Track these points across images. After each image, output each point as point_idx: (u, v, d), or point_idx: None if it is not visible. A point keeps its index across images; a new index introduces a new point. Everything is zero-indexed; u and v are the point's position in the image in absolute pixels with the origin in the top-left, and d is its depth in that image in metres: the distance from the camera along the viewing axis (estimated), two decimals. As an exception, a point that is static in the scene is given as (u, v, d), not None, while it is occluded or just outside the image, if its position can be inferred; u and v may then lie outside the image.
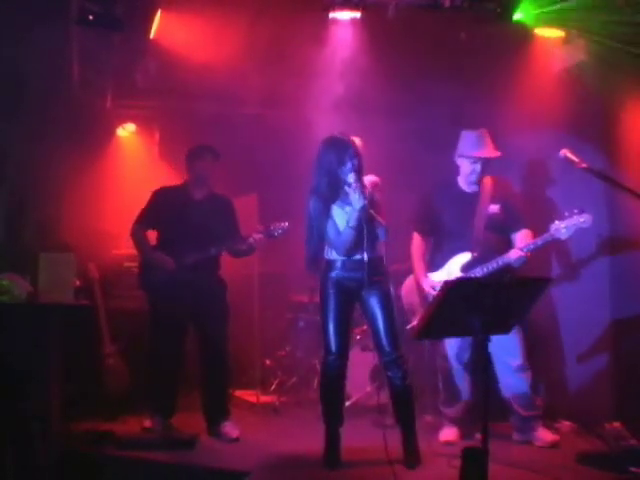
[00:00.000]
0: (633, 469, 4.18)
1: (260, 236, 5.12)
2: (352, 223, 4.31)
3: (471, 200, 4.97)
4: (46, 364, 4.35)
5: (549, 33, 5.46)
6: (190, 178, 5.36)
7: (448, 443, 4.88)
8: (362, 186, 4.28)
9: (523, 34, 5.46)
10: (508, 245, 4.89)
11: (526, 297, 3.47)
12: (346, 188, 4.35)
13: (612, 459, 4.39)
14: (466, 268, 4.86)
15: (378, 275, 4.46)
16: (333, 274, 4.50)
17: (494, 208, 4.93)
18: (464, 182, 5.03)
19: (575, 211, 4.62)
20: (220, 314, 5.27)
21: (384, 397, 4.75)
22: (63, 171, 6.20)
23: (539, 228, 4.82)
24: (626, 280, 5.14)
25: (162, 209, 5.31)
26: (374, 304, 4.47)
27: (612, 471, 4.25)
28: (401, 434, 4.49)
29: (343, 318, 4.50)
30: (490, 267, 4.78)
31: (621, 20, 4.96)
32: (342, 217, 4.43)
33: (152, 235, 5.44)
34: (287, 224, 5.15)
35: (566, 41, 5.49)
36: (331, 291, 4.49)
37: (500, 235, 4.93)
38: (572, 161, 4.51)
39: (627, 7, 4.89)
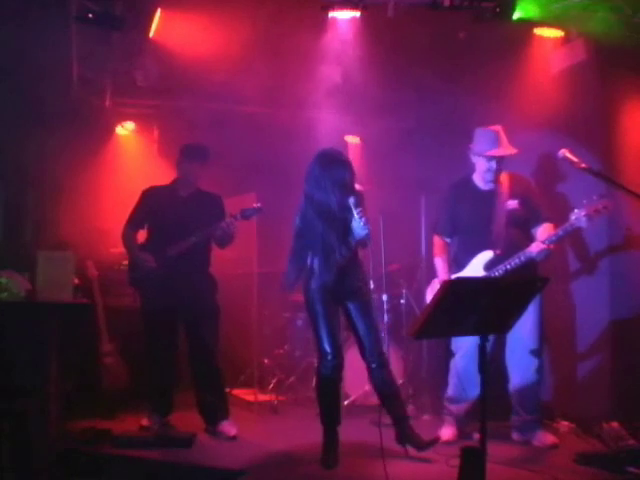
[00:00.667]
0: (631, 469, 4.18)
1: (231, 219, 5.12)
2: (351, 245, 4.35)
3: (489, 197, 4.92)
4: (44, 362, 4.34)
5: (548, 32, 5.46)
6: (178, 176, 5.39)
7: (446, 442, 4.86)
8: (363, 211, 4.25)
9: (523, 33, 5.46)
10: (530, 240, 4.83)
11: (524, 296, 3.46)
12: (346, 212, 4.31)
13: (610, 459, 4.37)
14: (489, 266, 4.81)
15: (357, 279, 4.51)
16: (316, 280, 4.50)
17: (513, 203, 4.87)
18: (480, 180, 4.98)
19: (594, 198, 4.57)
20: (208, 313, 5.26)
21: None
22: (62, 169, 6.20)
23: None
24: (626, 280, 5.14)
25: (151, 208, 5.34)
26: (354, 307, 4.53)
27: (610, 471, 4.24)
28: (397, 425, 4.56)
29: (332, 319, 4.52)
30: (513, 263, 4.72)
31: (621, 20, 4.96)
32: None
33: (143, 235, 5.46)
34: (259, 205, 5.19)
35: (565, 41, 5.49)
36: (317, 296, 4.50)
37: (521, 230, 4.88)
38: (571, 161, 4.51)
39: (627, 7, 4.89)
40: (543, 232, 4.82)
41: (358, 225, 4.23)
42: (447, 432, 5.00)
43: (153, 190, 5.42)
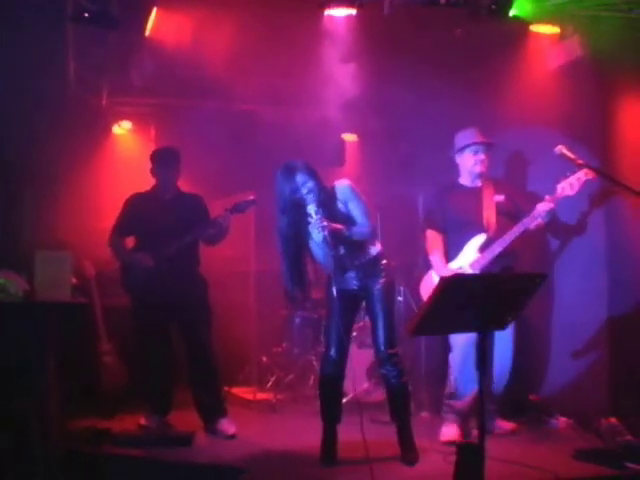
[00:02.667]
0: (629, 464, 4.19)
1: (226, 213, 5.13)
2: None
3: (476, 193, 5.06)
4: (43, 362, 4.34)
5: (545, 29, 5.46)
6: (158, 182, 5.39)
7: (449, 442, 4.72)
8: (320, 219, 4.25)
9: (519, 30, 5.46)
10: None
11: (522, 293, 3.46)
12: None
13: (608, 455, 4.39)
14: (483, 248, 4.90)
15: (374, 276, 4.48)
16: (334, 285, 4.48)
17: (499, 197, 5.04)
18: (468, 178, 5.12)
19: (575, 169, 4.69)
20: (203, 312, 5.27)
21: (380, 394, 4.75)
22: (59, 169, 6.20)
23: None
24: (623, 278, 5.14)
25: (136, 214, 5.34)
26: (372, 303, 4.50)
27: (608, 467, 4.24)
28: (397, 431, 4.52)
29: (345, 321, 4.49)
30: (508, 239, 4.83)
31: (617, 16, 4.96)
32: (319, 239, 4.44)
33: (130, 242, 5.46)
34: (253, 197, 5.21)
35: (562, 37, 5.49)
36: (335, 296, 4.45)
37: (510, 220, 4.98)
38: (568, 158, 4.52)
39: (623, 3, 4.89)
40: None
41: (315, 233, 4.31)
42: (449, 431, 4.92)
43: (136, 196, 5.43)
